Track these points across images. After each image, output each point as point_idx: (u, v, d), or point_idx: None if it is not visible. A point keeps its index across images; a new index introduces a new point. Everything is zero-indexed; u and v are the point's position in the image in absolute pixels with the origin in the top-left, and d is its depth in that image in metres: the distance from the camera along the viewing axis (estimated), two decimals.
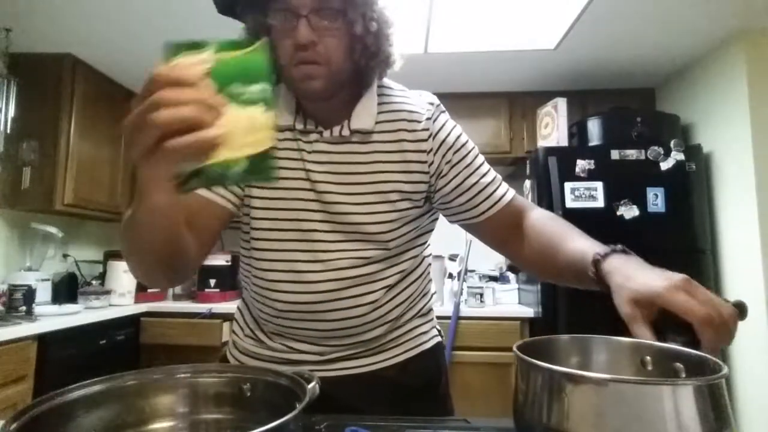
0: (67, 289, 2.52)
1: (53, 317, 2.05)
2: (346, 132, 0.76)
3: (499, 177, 0.84)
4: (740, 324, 0.55)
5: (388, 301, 0.81)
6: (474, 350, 2.36)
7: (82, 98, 2.49)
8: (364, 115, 0.77)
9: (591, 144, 2.45)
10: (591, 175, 2.27)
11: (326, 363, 0.81)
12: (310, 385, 0.52)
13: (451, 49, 2.37)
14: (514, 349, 0.53)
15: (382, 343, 0.84)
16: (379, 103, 0.79)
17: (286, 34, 0.68)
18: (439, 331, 0.96)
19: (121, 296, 2.55)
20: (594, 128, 2.47)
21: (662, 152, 2.27)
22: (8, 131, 2.22)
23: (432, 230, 0.90)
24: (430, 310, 0.94)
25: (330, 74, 0.70)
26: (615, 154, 2.29)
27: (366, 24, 0.70)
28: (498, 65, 2.55)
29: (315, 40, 0.67)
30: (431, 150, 0.78)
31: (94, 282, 2.68)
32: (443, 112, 0.83)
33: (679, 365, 0.53)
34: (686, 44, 2.32)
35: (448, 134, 0.80)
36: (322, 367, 0.80)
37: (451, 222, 0.85)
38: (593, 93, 2.81)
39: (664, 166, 2.26)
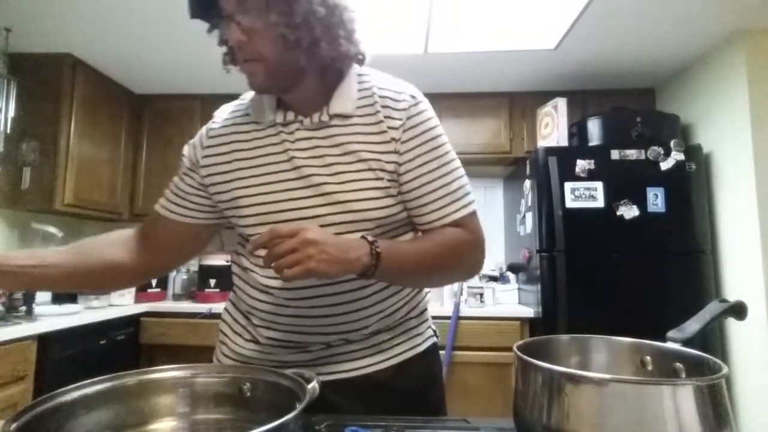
0: None
1: (53, 317, 2.05)
2: (325, 117, 0.78)
3: (463, 188, 0.81)
4: (740, 324, 0.55)
5: (381, 290, 0.81)
6: (474, 350, 2.35)
7: (82, 98, 2.49)
8: (343, 99, 0.79)
9: (591, 144, 2.45)
10: (591, 175, 2.27)
11: (318, 366, 0.81)
12: (310, 385, 0.52)
13: (451, 49, 2.37)
14: (514, 349, 0.53)
15: (376, 344, 0.83)
16: (360, 89, 0.80)
17: (229, 37, 0.73)
18: (434, 331, 0.95)
19: (121, 296, 2.55)
20: (594, 128, 2.47)
21: (662, 152, 2.27)
22: (8, 131, 2.22)
23: None
24: (425, 309, 0.93)
25: (268, 69, 0.73)
26: (615, 154, 2.29)
27: (292, 18, 0.70)
28: (498, 65, 2.55)
29: (244, 39, 0.71)
30: (400, 139, 0.78)
31: None
32: (426, 109, 0.82)
33: (679, 365, 0.53)
34: (686, 44, 2.32)
35: (420, 128, 0.79)
36: (314, 371, 0.80)
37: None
38: (593, 93, 2.81)
39: (664, 166, 2.26)
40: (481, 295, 2.51)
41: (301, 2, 0.70)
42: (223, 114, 0.88)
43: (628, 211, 2.23)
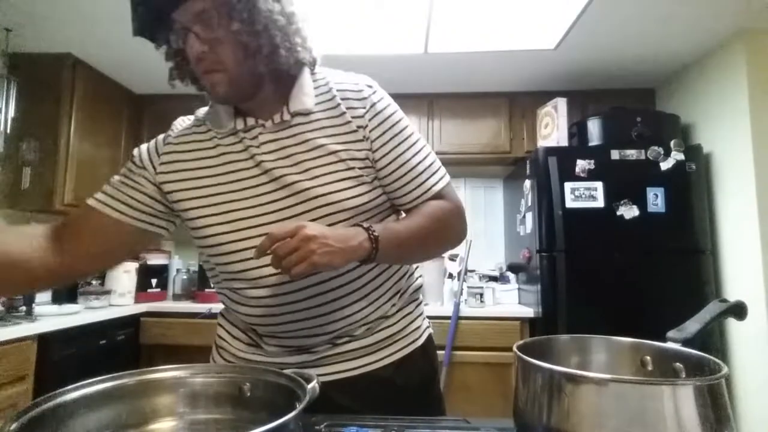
0: (67, 289, 2.52)
1: (53, 317, 2.05)
2: (287, 116, 0.78)
3: (435, 162, 0.85)
4: (740, 324, 0.55)
5: (373, 279, 0.81)
6: (474, 350, 2.35)
7: (82, 98, 2.49)
8: (301, 97, 0.79)
9: (591, 144, 2.45)
10: (591, 175, 2.27)
11: (319, 366, 0.81)
12: (310, 385, 0.52)
13: (451, 49, 2.37)
14: (514, 349, 0.53)
15: (377, 341, 0.83)
16: (317, 87, 0.82)
17: (188, 49, 0.74)
18: (428, 323, 0.96)
19: (121, 296, 2.55)
20: (594, 128, 2.47)
21: (662, 152, 2.27)
22: (8, 131, 2.22)
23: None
24: (419, 299, 0.94)
25: (230, 79, 0.74)
26: (615, 154, 2.29)
27: (254, 24, 0.72)
28: (498, 65, 2.55)
29: (205, 50, 0.72)
30: (367, 127, 0.79)
31: (94, 282, 2.68)
32: (384, 96, 0.84)
33: (679, 365, 0.53)
34: (686, 44, 2.32)
35: (385, 113, 0.81)
36: (317, 372, 0.80)
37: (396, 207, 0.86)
38: (593, 93, 2.81)
39: (664, 166, 2.26)
40: (481, 295, 2.51)
41: (261, 11, 0.72)
42: (180, 125, 0.87)
43: (628, 211, 2.23)
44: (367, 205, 0.78)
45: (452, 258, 2.73)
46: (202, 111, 0.87)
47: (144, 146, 0.86)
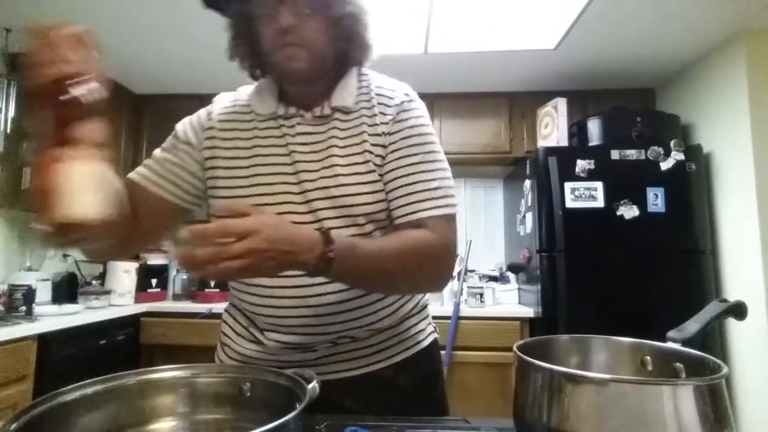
0: (67, 289, 2.52)
1: (53, 317, 2.05)
2: (327, 110, 0.79)
3: (443, 189, 0.77)
4: (740, 324, 0.55)
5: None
6: (474, 350, 2.35)
7: None
8: (344, 94, 0.80)
9: (591, 144, 2.45)
10: (591, 175, 2.27)
11: (323, 364, 0.80)
12: (310, 385, 0.52)
13: (451, 49, 2.37)
14: (514, 349, 0.53)
15: (379, 342, 0.83)
16: (359, 87, 0.82)
17: (268, 21, 0.72)
18: (434, 327, 0.95)
19: (121, 296, 2.55)
20: (594, 128, 2.47)
21: (662, 152, 2.27)
22: (8, 131, 2.22)
23: None
24: (426, 306, 0.93)
25: (312, 57, 0.74)
26: (615, 154, 2.29)
27: (344, 7, 0.74)
28: (498, 65, 2.55)
29: (296, 24, 0.71)
30: (388, 132, 0.79)
31: (94, 282, 2.68)
32: (418, 108, 0.82)
33: (679, 365, 0.53)
34: (686, 44, 2.32)
35: (408, 122, 0.80)
36: (318, 370, 0.79)
37: None
38: (593, 93, 2.81)
39: (664, 166, 2.26)
40: (481, 295, 2.51)
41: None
42: (222, 102, 0.87)
43: (628, 211, 2.23)
44: (384, 213, 0.78)
45: None
46: (244, 90, 0.87)
47: (186, 121, 0.86)
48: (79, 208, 0.51)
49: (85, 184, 0.52)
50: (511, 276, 2.76)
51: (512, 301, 2.66)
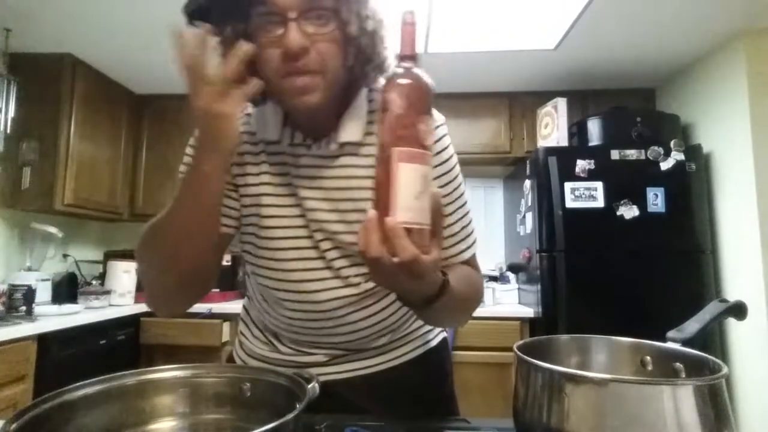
0: (67, 289, 2.52)
1: (53, 317, 2.05)
2: (334, 146, 0.70)
3: (471, 224, 0.77)
4: (740, 324, 0.55)
5: (396, 311, 0.80)
6: (474, 350, 2.35)
7: (82, 98, 2.49)
8: (351, 126, 0.70)
9: (591, 144, 2.45)
10: (591, 175, 2.27)
11: (333, 365, 0.81)
12: (310, 385, 0.52)
13: (451, 49, 2.37)
14: (514, 349, 0.53)
15: (390, 341, 0.83)
16: (370, 111, 0.72)
17: (272, 42, 0.59)
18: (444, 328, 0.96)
19: (121, 296, 2.55)
20: (594, 128, 2.47)
21: (662, 152, 2.27)
22: (8, 131, 2.22)
23: None
24: None
25: (327, 84, 0.62)
26: (615, 154, 2.29)
27: (361, 24, 0.62)
28: (498, 65, 2.55)
29: (307, 46, 0.58)
30: None
31: (94, 282, 2.68)
32: (444, 133, 0.74)
33: (679, 365, 0.53)
34: (686, 44, 2.32)
35: (442, 156, 0.73)
36: (330, 369, 0.80)
37: None
38: (593, 93, 2.81)
39: (664, 166, 2.26)
40: None
41: (362, 11, 0.62)
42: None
43: (628, 211, 2.23)
44: None
45: None
46: (250, 111, 0.76)
47: None
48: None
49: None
50: (511, 276, 2.76)
51: (512, 301, 2.65)
